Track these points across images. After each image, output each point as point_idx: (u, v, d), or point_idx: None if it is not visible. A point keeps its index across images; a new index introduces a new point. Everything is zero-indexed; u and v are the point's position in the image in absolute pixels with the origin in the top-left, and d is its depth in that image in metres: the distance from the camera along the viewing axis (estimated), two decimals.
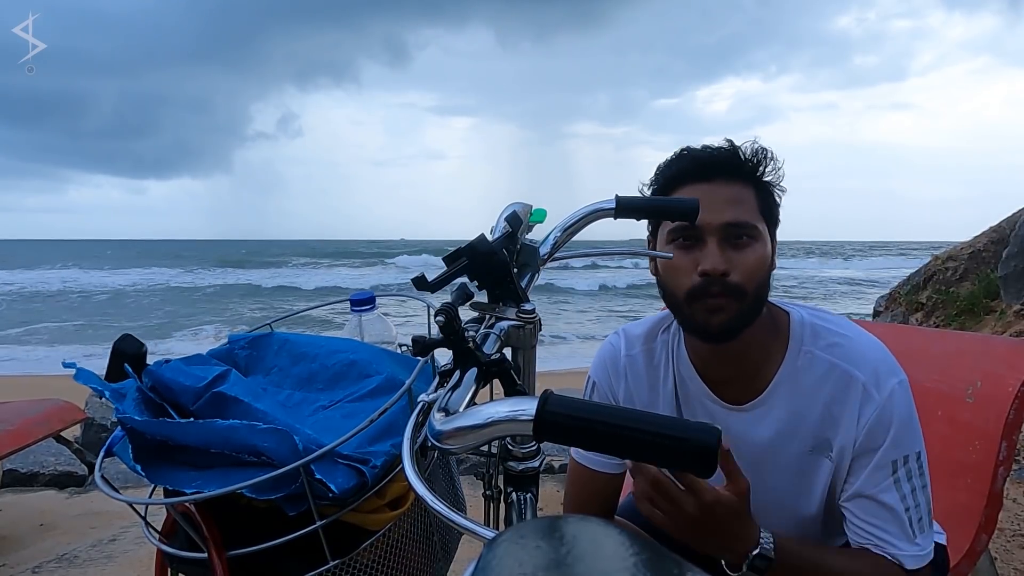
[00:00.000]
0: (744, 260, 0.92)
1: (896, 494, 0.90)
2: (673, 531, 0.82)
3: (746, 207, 0.94)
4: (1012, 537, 2.37)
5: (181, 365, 0.92)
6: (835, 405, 0.93)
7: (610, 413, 0.55)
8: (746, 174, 0.96)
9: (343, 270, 30.89)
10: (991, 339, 1.71)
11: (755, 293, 0.93)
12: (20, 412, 2.53)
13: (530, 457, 0.90)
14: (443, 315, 0.71)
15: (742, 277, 0.91)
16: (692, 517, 0.80)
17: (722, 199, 0.93)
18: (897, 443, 0.90)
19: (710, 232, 0.92)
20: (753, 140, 0.97)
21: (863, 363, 0.93)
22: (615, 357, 1.10)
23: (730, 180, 0.95)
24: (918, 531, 0.90)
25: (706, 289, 0.91)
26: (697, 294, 0.92)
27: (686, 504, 0.80)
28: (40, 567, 2.35)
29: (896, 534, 0.89)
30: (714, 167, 0.95)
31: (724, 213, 0.92)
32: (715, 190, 0.94)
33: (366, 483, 0.81)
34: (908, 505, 0.90)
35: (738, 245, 0.93)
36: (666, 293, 0.99)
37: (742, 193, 0.95)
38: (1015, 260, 4.79)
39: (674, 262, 0.95)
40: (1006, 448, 1.23)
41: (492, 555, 0.35)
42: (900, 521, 0.89)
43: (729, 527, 0.82)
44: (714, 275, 0.90)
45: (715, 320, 0.92)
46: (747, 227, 0.93)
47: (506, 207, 0.97)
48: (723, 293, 0.91)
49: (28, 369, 9.15)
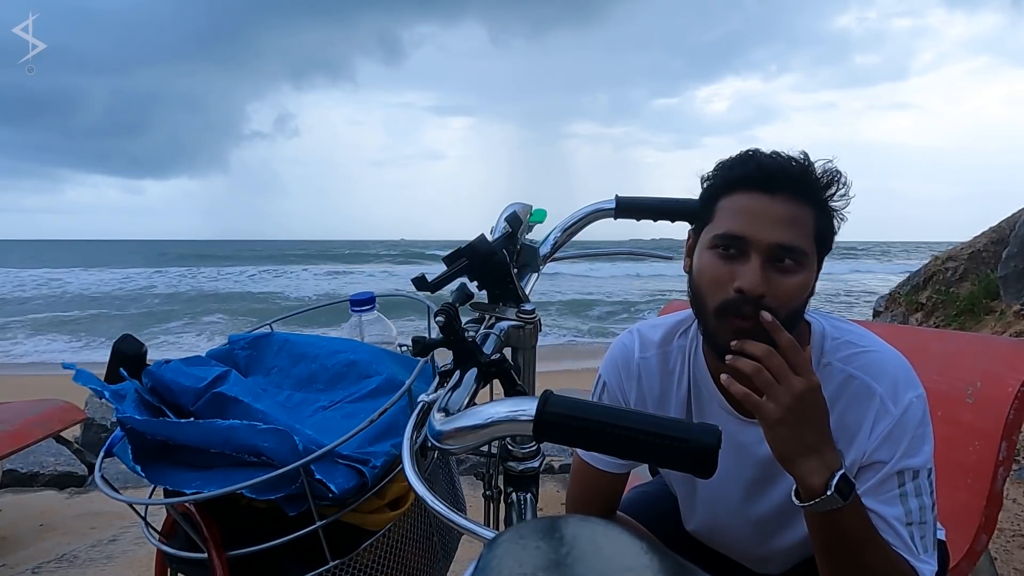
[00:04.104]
0: (784, 286, 0.87)
1: (900, 508, 0.87)
2: (771, 418, 0.80)
3: (802, 230, 0.88)
4: (1012, 537, 2.37)
5: (181, 366, 0.92)
6: (850, 417, 0.91)
7: (610, 414, 0.55)
8: (812, 195, 0.90)
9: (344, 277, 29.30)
10: (991, 339, 1.71)
11: (786, 321, 0.87)
12: (20, 412, 2.53)
13: (530, 457, 0.90)
14: (443, 315, 0.71)
15: (777, 303, 0.86)
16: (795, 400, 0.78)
17: (779, 216, 0.87)
18: (908, 457, 0.87)
19: (757, 249, 0.87)
20: (829, 159, 0.91)
21: (882, 376, 0.91)
22: (628, 358, 1.07)
23: (793, 198, 0.88)
24: (921, 550, 0.87)
25: (738, 307, 0.86)
26: (728, 310, 0.87)
27: (795, 383, 0.78)
28: (40, 567, 2.35)
29: (898, 546, 0.86)
30: (780, 180, 0.88)
31: (777, 232, 0.86)
32: (774, 205, 0.88)
33: (366, 483, 0.81)
34: (913, 520, 0.87)
35: (782, 268, 0.87)
36: (696, 298, 0.94)
37: (801, 214, 0.88)
38: (1015, 260, 4.79)
39: (711, 269, 0.90)
40: (1006, 448, 1.23)
41: (492, 555, 0.35)
42: (900, 535, 0.86)
43: (823, 425, 0.80)
44: (750, 295, 0.85)
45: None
46: (796, 252, 0.87)
47: (506, 207, 0.97)
48: (754, 315, 0.85)
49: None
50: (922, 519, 0.87)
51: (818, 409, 0.80)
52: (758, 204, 0.88)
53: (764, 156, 0.91)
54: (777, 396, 0.79)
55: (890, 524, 0.86)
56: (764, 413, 0.81)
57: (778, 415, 0.80)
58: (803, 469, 0.81)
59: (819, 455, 0.80)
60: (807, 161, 0.90)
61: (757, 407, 0.81)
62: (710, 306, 0.90)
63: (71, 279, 25.37)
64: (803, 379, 0.79)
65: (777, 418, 0.80)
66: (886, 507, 0.87)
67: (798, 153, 0.91)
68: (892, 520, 0.86)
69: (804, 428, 0.80)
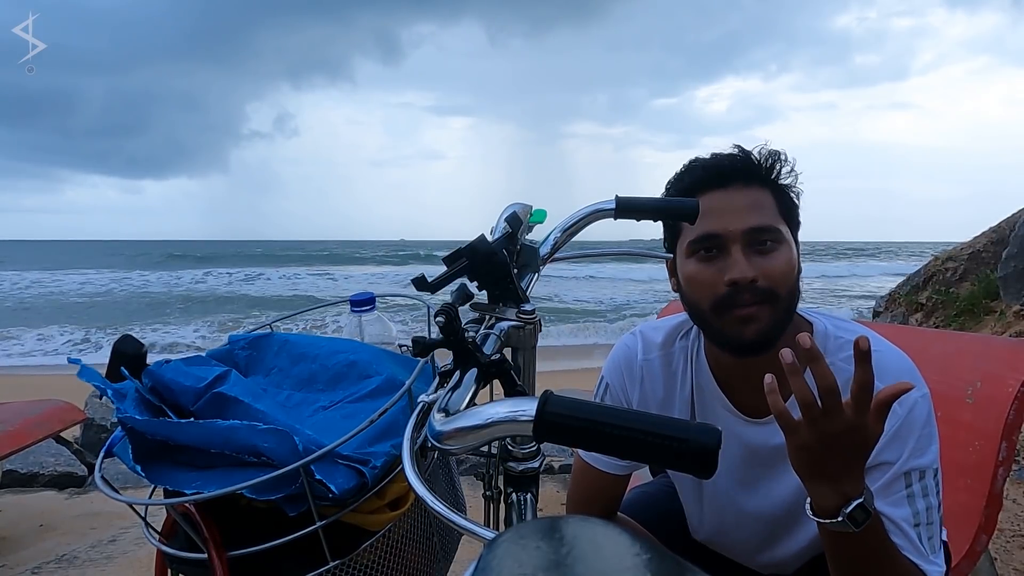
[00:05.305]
0: (771, 265, 0.89)
1: (908, 509, 0.86)
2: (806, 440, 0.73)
3: (766, 211, 0.91)
4: (1012, 537, 2.37)
5: (181, 366, 0.92)
6: None
7: (610, 414, 0.55)
8: (762, 178, 0.94)
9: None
10: (991, 339, 1.71)
11: (787, 297, 0.89)
12: (20, 412, 2.53)
13: (530, 458, 0.89)
14: (443, 315, 0.71)
15: (772, 282, 0.88)
16: (835, 438, 0.71)
17: (741, 205, 0.91)
18: (915, 457, 0.87)
19: (733, 240, 0.89)
20: (764, 143, 0.95)
21: (886, 375, 0.88)
22: (631, 360, 1.08)
23: (747, 185, 0.92)
24: (929, 551, 0.86)
25: (735, 298, 0.88)
26: (725, 304, 0.89)
27: (843, 421, 0.70)
28: (40, 568, 2.35)
29: (906, 548, 0.84)
30: (729, 173, 0.93)
31: (745, 219, 0.89)
32: (733, 196, 0.91)
33: (366, 484, 0.81)
34: (921, 522, 0.86)
35: (763, 251, 0.90)
36: (692, 308, 0.95)
37: (760, 197, 0.92)
38: (1015, 260, 4.79)
39: (698, 275, 0.92)
40: (1006, 448, 1.23)
41: (492, 555, 0.35)
42: (909, 536, 0.85)
43: (857, 459, 0.74)
44: (743, 283, 0.87)
45: (749, 331, 0.88)
46: (770, 231, 0.90)
47: (506, 207, 0.97)
48: (754, 301, 0.87)
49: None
50: (929, 520, 0.87)
51: (855, 447, 0.73)
52: (718, 200, 0.92)
53: (705, 159, 0.96)
54: (817, 425, 0.72)
55: (899, 526, 0.85)
56: (792, 434, 0.75)
57: (805, 442, 0.74)
58: (816, 491, 0.77)
59: (837, 483, 0.75)
60: (745, 151, 0.95)
61: (788, 428, 0.75)
62: (706, 307, 0.91)
63: (71, 279, 25.23)
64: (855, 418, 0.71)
65: (802, 444, 0.74)
66: (894, 509, 0.86)
67: (732, 147, 0.96)
68: (900, 522, 0.85)
69: (829, 459, 0.74)
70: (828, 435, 0.72)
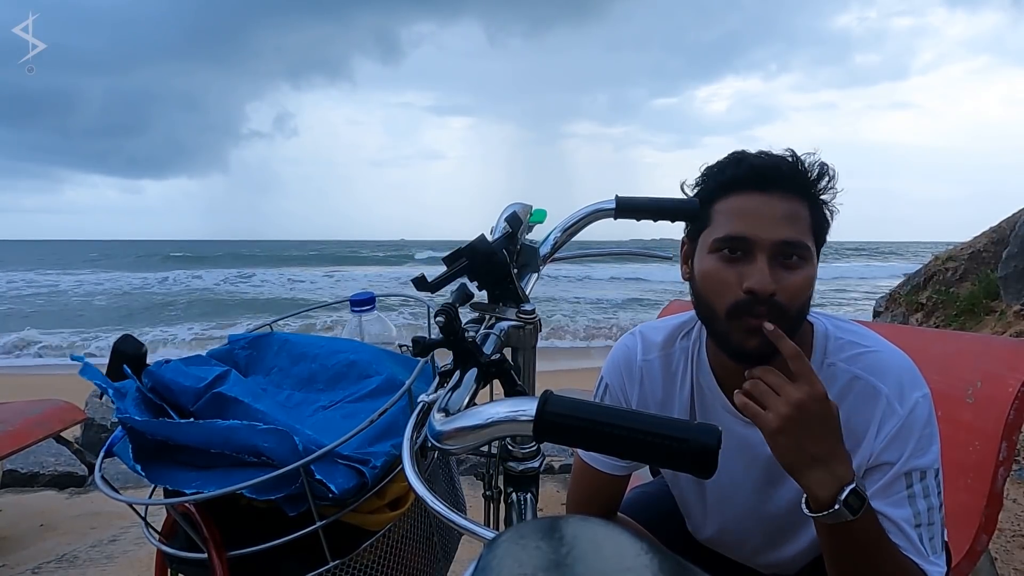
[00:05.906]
0: (792, 282, 0.87)
1: (909, 509, 0.86)
2: (768, 427, 0.80)
3: (800, 225, 0.88)
4: (1012, 537, 2.37)
5: (181, 366, 0.92)
6: (856, 418, 0.90)
7: (610, 413, 0.55)
8: (804, 189, 0.90)
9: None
10: (991, 339, 1.71)
11: (796, 316, 0.88)
12: (20, 412, 2.53)
13: (530, 457, 0.89)
14: (443, 315, 0.71)
15: (787, 299, 0.86)
16: (793, 408, 0.78)
17: (779, 214, 0.87)
18: (916, 457, 0.87)
19: (762, 248, 0.87)
20: (813, 152, 0.92)
21: (887, 376, 0.90)
22: (630, 360, 1.07)
23: (788, 194, 0.89)
24: (930, 551, 0.86)
25: (749, 308, 0.86)
26: (739, 311, 0.87)
27: (791, 392, 0.78)
28: (40, 568, 2.35)
29: (907, 548, 0.85)
30: (774, 178, 0.89)
31: (780, 230, 0.86)
32: (772, 203, 0.88)
33: (366, 483, 0.81)
34: (922, 522, 0.86)
35: (788, 265, 0.87)
36: (701, 304, 0.93)
37: (798, 209, 0.89)
38: (1015, 260, 4.79)
39: (717, 274, 0.90)
40: (1006, 448, 1.23)
41: (492, 555, 0.35)
42: (909, 537, 0.85)
43: (829, 436, 0.79)
44: (762, 295, 0.85)
45: (754, 342, 0.87)
46: (799, 247, 0.87)
47: (506, 207, 0.97)
48: (767, 314, 0.85)
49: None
50: (930, 520, 0.87)
51: (823, 419, 0.79)
52: (756, 204, 0.88)
53: (755, 156, 0.92)
54: (774, 406, 0.79)
55: (899, 526, 0.85)
56: (761, 423, 0.81)
57: (776, 424, 0.79)
58: (809, 480, 0.80)
59: (826, 467, 0.79)
60: (796, 157, 0.91)
61: (755, 417, 0.81)
62: (720, 309, 0.89)
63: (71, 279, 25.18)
64: (803, 387, 0.78)
65: (775, 427, 0.79)
66: (895, 509, 0.86)
67: (785, 151, 0.92)
68: (901, 522, 0.85)
69: (806, 438, 0.79)
70: (788, 409, 0.78)
